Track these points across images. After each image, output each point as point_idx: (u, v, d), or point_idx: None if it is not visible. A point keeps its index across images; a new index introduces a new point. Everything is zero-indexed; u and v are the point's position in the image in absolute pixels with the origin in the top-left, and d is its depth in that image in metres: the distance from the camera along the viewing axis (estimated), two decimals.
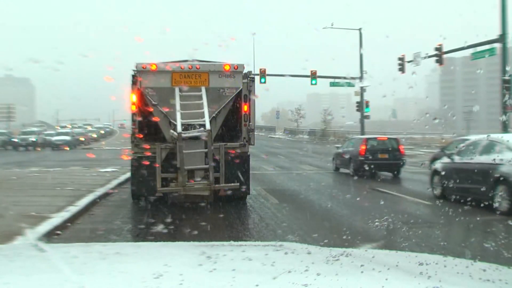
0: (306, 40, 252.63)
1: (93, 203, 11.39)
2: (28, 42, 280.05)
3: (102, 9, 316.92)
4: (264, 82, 41.92)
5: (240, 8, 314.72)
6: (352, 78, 47.18)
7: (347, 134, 56.50)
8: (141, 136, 11.77)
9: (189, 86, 11.40)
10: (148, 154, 11.48)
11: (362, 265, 2.09)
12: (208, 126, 10.56)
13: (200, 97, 11.16)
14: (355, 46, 48.13)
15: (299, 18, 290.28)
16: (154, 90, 11.53)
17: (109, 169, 19.50)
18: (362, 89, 46.62)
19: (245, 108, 12.21)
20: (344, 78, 47.54)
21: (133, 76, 11.75)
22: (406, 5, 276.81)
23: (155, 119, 11.53)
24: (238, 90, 11.87)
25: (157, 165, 11.09)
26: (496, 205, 10.43)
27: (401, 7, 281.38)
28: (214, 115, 11.51)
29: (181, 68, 11.65)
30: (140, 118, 11.70)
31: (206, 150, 10.58)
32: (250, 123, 12.34)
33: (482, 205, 9.93)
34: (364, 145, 20.02)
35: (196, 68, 11.66)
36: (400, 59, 37.55)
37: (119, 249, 2.61)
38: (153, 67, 11.52)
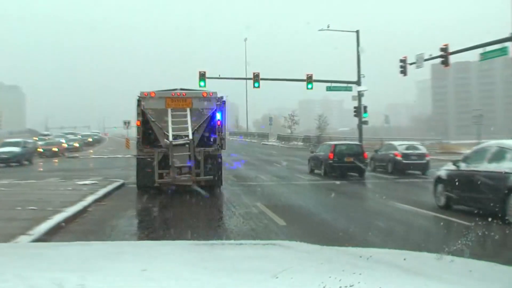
0: (302, 43, 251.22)
1: (55, 229, 8.96)
2: (18, 49, 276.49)
3: (95, 14, 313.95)
4: (258, 87, 40.15)
5: (234, 11, 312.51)
6: (349, 82, 45.33)
7: (344, 140, 54.26)
8: (144, 143, 15.81)
9: (177, 108, 15.15)
10: (149, 156, 15.42)
11: (360, 263, 2.09)
12: (190, 136, 14.37)
13: (186, 115, 14.92)
14: (352, 49, 46.28)
15: (295, 21, 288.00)
16: (153, 110, 15.37)
17: (88, 182, 17.30)
18: (360, 94, 44.70)
19: (218, 123, 15.96)
20: (341, 82, 45.66)
21: (138, 101, 15.66)
22: (406, 6, 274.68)
23: (154, 130, 15.62)
24: (213, 110, 15.68)
25: (155, 164, 14.93)
26: (508, 217, 9.56)
27: (400, 8, 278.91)
28: (196, 128, 15.17)
29: (172, 95, 15.56)
30: (143, 130, 15.79)
31: (190, 153, 14.21)
32: (222, 133, 16.17)
33: (491, 216, 8.87)
34: (332, 150, 22.73)
35: (183, 95, 15.57)
36: (402, 61, 35.69)
37: (119, 248, 2.64)
38: (152, 94, 15.52)
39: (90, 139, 73.51)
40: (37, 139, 53.81)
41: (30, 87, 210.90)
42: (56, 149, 45.30)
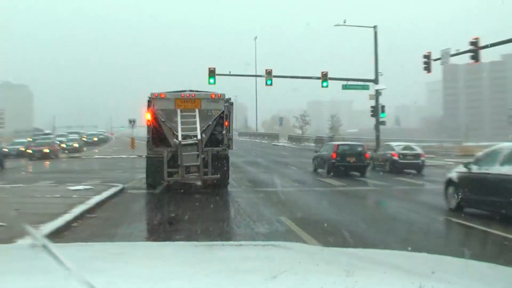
0: (316, 40, 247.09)
1: None
2: (26, 48, 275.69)
3: (103, 13, 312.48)
4: (270, 84, 38.05)
5: (243, 9, 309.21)
6: (366, 80, 42.97)
7: (358, 141, 51.70)
8: (154, 142, 16.15)
9: (187, 108, 15.43)
10: (158, 154, 15.69)
11: (360, 264, 2.07)
12: (199, 136, 14.66)
13: (195, 116, 15.16)
14: (366, 46, 43.96)
15: (310, 18, 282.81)
16: (163, 111, 15.67)
17: (81, 187, 15.01)
18: (378, 92, 42.31)
19: (226, 123, 16.44)
20: (358, 80, 43.32)
21: (148, 101, 16.12)
22: (418, 3, 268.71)
23: (163, 130, 15.83)
24: (221, 111, 15.98)
25: (164, 163, 15.20)
26: None
27: (409, 6, 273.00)
28: (204, 128, 15.40)
29: (181, 96, 15.84)
30: (153, 130, 16.09)
31: (198, 152, 14.55)
32: (229, 134, 16.75)
33: (503, 219, 9.52)
34: (335, 150, 23.53)
35: (192, 96, 15.83)
36: (425, 56, 33.26)
37: (119, 249, 2.60)
38: (162, 95, 15.82)
39: (96, 139, 71.62)
40: (31, 139, 48.83)
41: (38, 86, 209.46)
42: (47, 150, 39.80)
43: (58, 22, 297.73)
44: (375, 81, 42.44)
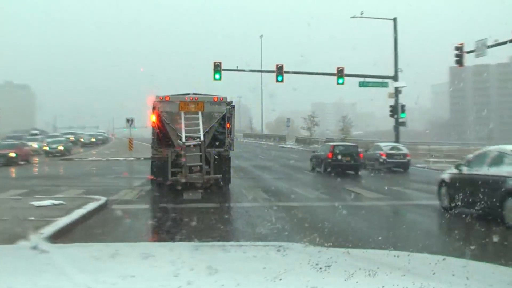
0: (322, 39, 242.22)
1: None
2: (28, 48, 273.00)
3: (106, 11, 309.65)
4: (281, 81, 35.02)
5: (249, 5, 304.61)
6: (385, 77, 39.47)
7: (371, 143, 47.82)
8: (159, 143, 16.89)
9: (190, 111, 16.35)
10: (163, 155, 16.57)
11: (360, 265, 2.03)
12: (202, 138, 15.51)
13: (198, 118, 16.13)
14: (379, 41, 40.52)
15: (313, 15, 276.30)
16: (167, 113, 16.51)
17: (48, 202, 11.31)
18: (398, 90, 38.79)
19: (228, 125, 17.24)
20: (376, 77, 39.81)
21: (153, 104, 16.82)
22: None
23: (168, 132, 16.61)
24: (223, 114, 16.90)
25: (168, 163, 16.07)
26: (506, 219, 9.81)
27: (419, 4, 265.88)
28: (207, 130, 16.30)
29: (185, 99, 16.71)
30: (158, 131, 16.82)
31: (201, 153, 15.41)
32: (231, 135, 17.59)
33: (491, 218, 9.96)
34: (331, 150, 24.43)
35: (195, 99, 16.75)
36: (457, 48, 29.73)
37: (119, 249, 2.55)
38: (167, 98, 16.66)
39: (93, 139, 68.57)
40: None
41: (41, 86, 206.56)
42: (13, 154, 32.85)
43: (61, 21, 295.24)
44: (395, 77, 39.07)
